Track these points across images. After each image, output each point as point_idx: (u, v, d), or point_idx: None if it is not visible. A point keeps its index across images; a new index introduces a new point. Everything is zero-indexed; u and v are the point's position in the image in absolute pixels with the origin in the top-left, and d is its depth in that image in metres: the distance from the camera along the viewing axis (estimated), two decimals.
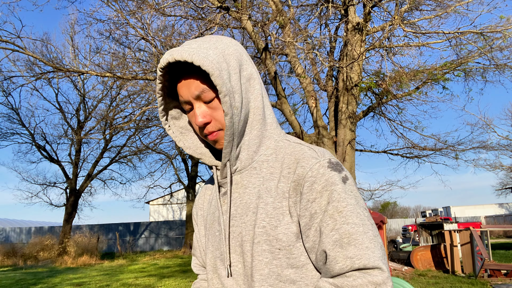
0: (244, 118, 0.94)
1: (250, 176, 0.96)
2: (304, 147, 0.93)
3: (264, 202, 0.91)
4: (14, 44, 9.28)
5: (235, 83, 0.92)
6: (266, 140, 0.98)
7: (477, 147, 12.56)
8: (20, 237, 26.96)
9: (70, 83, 20.51)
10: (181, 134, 1.06)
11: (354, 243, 0.80)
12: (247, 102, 0.95)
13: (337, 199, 0.83)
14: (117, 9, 8.29)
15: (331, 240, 0.82)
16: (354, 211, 0.83)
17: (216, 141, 0.96)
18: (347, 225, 0.81)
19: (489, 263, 8.26)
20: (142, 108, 12.01)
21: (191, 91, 0.92)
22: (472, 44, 8.13)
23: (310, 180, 0.86)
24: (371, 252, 0.79)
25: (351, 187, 0.86)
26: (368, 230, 0.82)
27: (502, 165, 16.86)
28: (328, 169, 0.86)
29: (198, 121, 0.92)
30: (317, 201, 0.84)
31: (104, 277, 11.85)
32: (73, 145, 20.67)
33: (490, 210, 38.12)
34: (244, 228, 0.92)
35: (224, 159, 0.96)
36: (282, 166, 0.91)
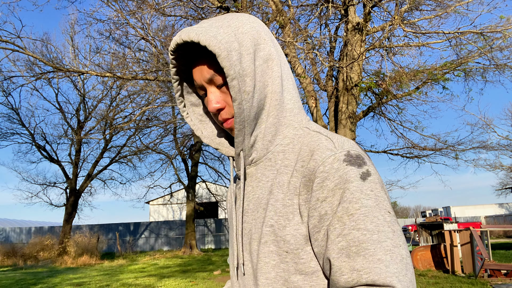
0: (258, 104, 0.84)
1: (264, 168, 0.87)
2: (321, 137, 0.82)
3: (275, 198, 0.81)
4: (14, 44, 9.28)
5: (247, 65, 0.82)
6: (284, 128, 0.88)
7: (477, 147, 12.56)
8: (20, 237, 26.96)
9: (70, 83, 20.53)
10: (200, 122, 0.99)
11: (364, 253, 0.67)
12: (263, 86, 0.86)
13: (349, 199, 0.71)
14: (117, 9, 8.29)
15: (336, 247, 0.70)
16: (369, 214, 0.69)
17: (231, 129, 0.88)
18: (357, 231, 0.69)
19: (489, 263, 8.26)
20: (142, 108, 12.01)
21: (203, 74, 0.86)
22: (472, 44, 8.13)
23: (321, 176, 0.75)
24: (383, 266, 0.66)
25: (371, 185, 0.72)
26: (385, 239, 0.68)
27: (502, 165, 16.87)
28: (343, 164, 0.74)
29: (211, 107, 0.86)
30: (328, 201, 0.73)
31: (104, 277, 11.85)
32: (73, 145, 20.67)
33: (490, 210, 38.13)
34: (254, 225, 0.85)
35: (237, 149, 0.88)
36: (297, 158, 0.81)
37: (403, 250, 0.69)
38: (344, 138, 0.81)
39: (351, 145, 0.79)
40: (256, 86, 0.83)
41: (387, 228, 0.69)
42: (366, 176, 0.73)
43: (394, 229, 0.70)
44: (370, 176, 0.74)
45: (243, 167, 0.89)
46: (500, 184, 33.07)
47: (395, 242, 0.69)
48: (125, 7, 8.59)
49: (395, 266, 0.67)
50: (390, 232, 0.69)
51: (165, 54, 8.80)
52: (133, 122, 14.40)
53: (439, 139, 11.74)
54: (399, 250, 0.68)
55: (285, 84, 0.90)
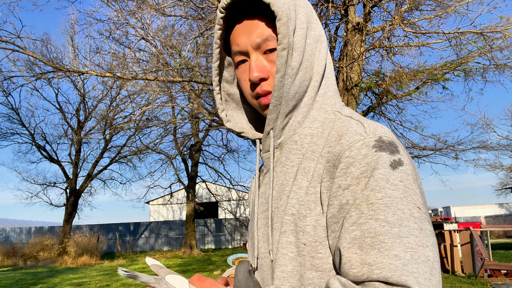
0: (300, 84, 0.78)
1: (289, 152, 0.80)
2: (352, 121, 0.74)
3: (298, 185, 0.74)
4: (14, 44, 9.28)
5: (299, 39, 0.76)
6: (315, 111, 0.80)
7: (477, 147, 12.57)
8: (20, 237, 26.97)
9: (70, 83, 20.54)
10: (225, 101, 0.92)
11: (379, 247, 0.59)
12: (309, 67, 0.79)
13: (371, 187, 0.62)
14: (117, 9, 8.29)
15: (349, 236, 0.62)
16: (393, 206, 0.60)
17: (267, 107, 0.80)
18: (374, 222, 0.60)
19: (489, 263, 8.26)
20: (142, 108, 12.01)
21: (252, 38, 0.77)
22: (472, 44, 8.13)
23: (346, 162, 0.67)
24: (400, 264, 0.57)
25: (401, 175, 0.63)
26: (407, 234, 0.59)
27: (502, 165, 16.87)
28: (373, 149, 0.66)
29: (253, 76, 0.77)
30: (351, 189, 0.65)
31: (104, 277, 11.84)
32: (73, 145, 20.68)
33: (490, 210, 38.14)
34: (276, 213, 0.78)
35: (267, 127, 0.80)
36: (325, 144, 0.74)
37: (430, 252, 0.59)
38: (377, 124, 0.73)
39: (385, 131, 0.70)
40: (303, 64, 0.78)
41: (412, 224, 0.60)
42: (397, 164, 0.64)
43: (423, 227, 0.60)
44: (402, 165, 0.64)
45: (272, 147, 0.82)
46: (500, 184, 33.08)
47: (420, 240, 0.59)
48: (125, 7, 8.59)
49: (416, 266, 0.57)
50: (416, 229, 0.60)
51: (165, 54, 8.80)
52: (133, 122, 14.40)
53: (439, 139, 11.75)
54: (424, 251, 0.59)
55: (328, 68, 0.84)
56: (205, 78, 8.98)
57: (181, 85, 9.53)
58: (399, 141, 0.71)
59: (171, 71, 8.51)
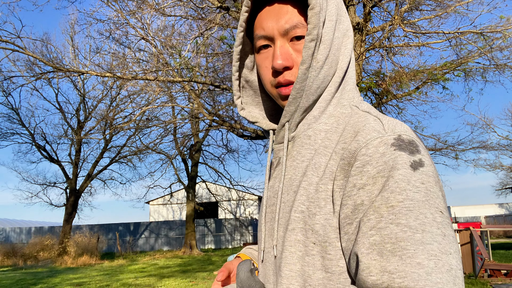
0: (324, 79, 0.74)
1: (301, 146, 0.77)
2: (370, 117, 0.70)
3: (308, 181, 0.71)
4: (14, 44, 9.28)
5: (327, 32, 0.73)
6: (332, 106, 0.77)
7: (477, 147, 12.58)
8: (20, 237, 26.97)
9: (70, 83, 20.55)
10: (243, 88, 0.89)
11: (401, 254, 0.55)
12: (335, 61, 0.76)
13: (391, 188, 0.58)
14: (117, 9, 8.29)
15: (367, 241, 0.58)
16: (415, 210, 0.56)
17: (286, 98, 0.77)
18: (396, 226, 0.56)
19: (489, 263, 8.26)
20: (142, 108, 12.01)
21: (280, 23, 0.73)
22: (472, 44, 8.13)
23: (362, 160, 0.63)
24: (424, 273, 0.53)
25: (422, 177, 0.59)
26: (431, 241, 0.55)
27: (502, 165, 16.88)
28: (391, 148, 0.62)
29: (277, 63, 0.73)
30: (366, 189, 0.61)
31: (104, 277, 11.85)
32: (73, 145, 20.68)
33: (490, 210, 38.12)
34: (282, 209, 0.75)
35: (283, 119, 0.78)
36: (339, 140, 0.71)
37: (453, 259, 0.55)
38: (397, 121, 0.69)
39: (405, 129, 0.66)
40: (329, 58, 0.74)
41: (435, 230, 0.56)
42: (418, 165, 0.60)
43: (446, 233, 0.56)
44: (423, 166, 0.60)
45: (286, 140, 0.78)
46: (500, 184, 33.08)
47: (444, 247, 0.55)
48: (125, 7, 8.59)
49: (440, 276, 0.53)
50: (440, 235, 0.55)
51: (165, 54, 8.80)
52: (133, 122, 14.41)
53: (439, 139, 11.75)
54: (448, 258, 0.55)
55: (351, 63, 0.81)
56: (205, 78, 8.99)
57: (181, 85, 9.53)
58: (420, 140, 0.67)
59: (171, 71, 8.51)
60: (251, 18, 0.82)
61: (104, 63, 11.43)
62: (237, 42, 0.82)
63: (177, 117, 17.21)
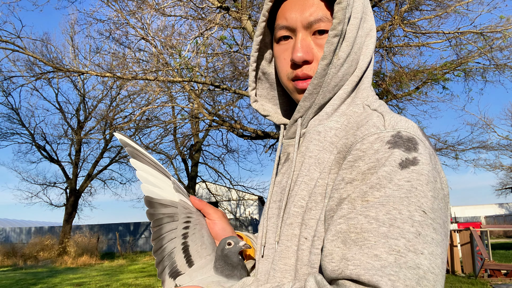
0: (343, 77, 0.73)
1: (309, 142, 0.74)
2: (375, 113, 0.68)
3: (310, 176, 0.70)
4: (14, 44, 9.28)
5: (351, 29, 0.71)
6: (345, 105, 0.75)
7: (477, 147, 12.59)
8: (20, 237, 26.96)
9: (70, 83, 20.54)
10: (259, 80, 0.86)
11: (361, 244, 0.54)
12: (355, 60, 0.74)
13: (372, 184, 0.57)
14: (117, 9, 8.29)
15: (334, 229, 0.58)
16: (388, 205, 0.54)
17: (302, 92, 0.75)
18: (364, 218, 0.55)
19: (489, 263, 8.26)
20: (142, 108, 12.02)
21: (304, 15, 0.71)
22: (472, 44, 8.13)
23: (355, 154, 0.62)
24: (379, 265, 0.51)
25: (411, 175, 0.56)
26: (398, 236, 0.52)
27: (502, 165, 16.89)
28: (386, 146, 0.59)
29: (297, 56, 0.71)
30: (354, 184, 0.59)
31: (104, 277, 11.85)
32: (73, 145, 20.68)
33: (490, 210, 38.12)
34: (282, 203, 0.74)
35: (297, 114, 0.76)
36: (343, 135, 0.70)
37: (425, 260, 0.52)
38: (402, 118, 0.65)
39: (407, 126, 0.63)
40: (350, 56, 0.72)
41: (408, 227, 0.53)
42: (409, 163, 0.57)
43: (422, 232, 0.53)
44: (416, 165, 0.57)
45: (298, 136, 0.76)
46: (500, 184, 33.05)
47: (414, 246, 0.52)
48: (125, 7, 8.59)
49: (396, 269, 0.50)
50: (412, 233, 0.53)
51: (165, 54, 8.80)
52: (133, 122, 14.41)
53: (439, 139, 11.76)
54: (415, 257, 0.51)
55: (370, 64, 0.78)
56: (205, 78, 8.99)
57: (181, 85, 9.53)
58: (425, 139, 0.63)
59: (171, 71, 8.51)
60: (274, 9, 0.79)
61: (104, 63, 11.44)
62: (258, 32, 0.79)
63: (177, 117, 17.21)
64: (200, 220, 0.83)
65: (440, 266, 0.53)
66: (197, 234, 0.82)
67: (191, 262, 0.80)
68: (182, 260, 0.80)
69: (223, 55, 9.10)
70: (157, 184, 0.82)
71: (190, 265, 0.80)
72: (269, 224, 0.77)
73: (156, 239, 0.82)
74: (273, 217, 0.77)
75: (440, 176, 0.61)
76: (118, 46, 11.27)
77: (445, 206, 0.59)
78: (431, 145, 0.64)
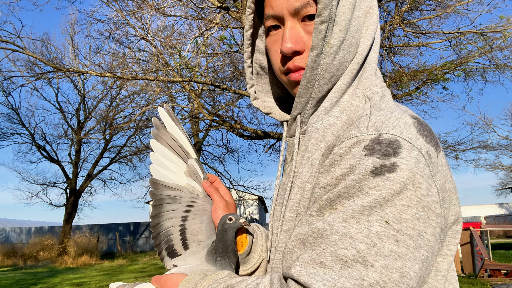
0: (340, 65, 0.66)
1: (308, 140, 0.69)
2: (366, 112, 0.63)
3: (302, 179, 0.67)
4: (14, 44, 9.28)
5: (343, 11, 0.64)
6: (346, 97, 0.68)
7: (477, 147, 12.59)
8: (20, 237, 26.96)
9: (70, 83, 20.54)
10: (257, 75, 0.81)
11: (314, 249, 0.54)
12: (353, 45, 0.67)
13: (341, 191, 0.55)
14: (117, 9, 8.29)
15: (298, 230, 0.58)
16: (348, 212, 0.53)
17: (297, 85, 0.70)
18: (322, 223, 0.54)
19: (489, 263, 8.26)
20: (142, 108, 12.02)
21: (290, 1, 0.64)
22: (472, 44, 8.13)
23: (331, 159, 0.58)
24: (321, 271, 0.51)
25: (384, 183, 0.52)
26: (347, 246, 0.51)
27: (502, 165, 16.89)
28: (363, 152, 0.55)
29: (285, 47, 0.65)
30: (327, 189, 0.57)
31: (104, 277, 11.85)
32: (73, 145, 20.68)
33: (490, 210, 38.11)
34: (283, 207, 0.71)
35: (294, 111, 0.71)
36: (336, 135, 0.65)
37: (374, 273, 0.49)
38: (394, 115, 0.58)
39: (395, 125, 0.56)
40: (346, 42, 0.65)
41: (362, 237, 0.50)
42: (384, 170, 0.52)
43: (378, 244, 0.50)
44: (393, 172, 0.52)
45: (298, 135, 0.71)
46: (500, 184, 33.04)
47: (364, 257, 0.50)
48: (125, 7, 8.60)
49: (335, 277, 0.50)
50: (364, 244, 0.50)
51: (165, 54, 8.80)
52: (133, 122, 14.40)
53: (439, 139, 11.76)
54: (362, 269, 0.49)
55: (375, 44, 0.71)
56: (205, 78, 8.99)
57: (181, 85, 9.53)
58: (419, 136, 0.56)
59: (171, 71, 8.51)
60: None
61: (104, 63, 11.44)
62: (247, 26, 0.74)
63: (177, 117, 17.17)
64: (205, 206, 0.84)
65: (397, 281, 0.49)
66: (197, 219, 0.82)
67: (186, 246, 0.81)
68: (179, 241, 0.82)
69: (223, 55, 9.10)
70: (168, 167, 0.83)
71: (186, 248, 0.82)
72: (273, 228, 0.75)
73: (155, 216, 0.83)
74: (276, 220, 0.75)
75: (433, 180, 0.55)
76: (118, 46, 11.27)
77: (429, 214, 0.53)
78: (431, 142, 0.57)
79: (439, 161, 0.58)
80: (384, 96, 0.67)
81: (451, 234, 0.61)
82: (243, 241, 0.82)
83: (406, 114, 0.59)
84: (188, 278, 0.69)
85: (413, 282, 0.51)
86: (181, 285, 0.69)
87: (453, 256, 0.62)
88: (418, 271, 0.51)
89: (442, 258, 0.61)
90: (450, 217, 0.59)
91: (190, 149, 0.85)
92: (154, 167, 0.83)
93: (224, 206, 0.83)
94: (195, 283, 0.67)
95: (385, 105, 0.64)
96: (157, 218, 0.83)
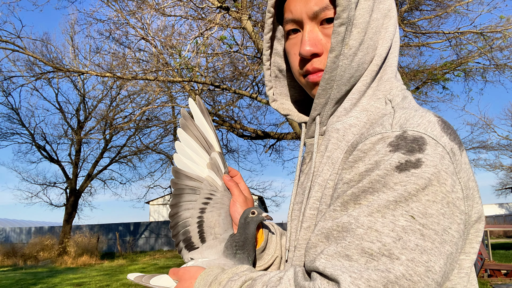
0: (358, 67, 0.67)
1: (328, 140, 0.70)
2: (388, 110, 0.65)
3: (323, 177, 0.68)
4: (14, 44, 9.28)
5: (362, 14, 0.65)
6: (366, 98, 0.70)
7: (477, 147, 12.59)
8: (20, 237, 26.96)
9: (70, 83, 20.54)
10: (275, 78, 0.83)
11: (339, 242, 0.54)
12: (371, 47, 0.68)
13: (365, 186, 0.55)
14: (117, 9, 8.29)
15: (322, 224, 0.58)
16: (373, 207, 0.53)
17: (315, 86, 0.72)
18: (347, 217, 0.55)
19: (489, 263, 8.26)
20: (142, 108, 12.02)
21: (309, 5, 0.67)
22: (472, 44, 8.13)
23: (356, 155, 0.59)
24: (347, 263, 0.51)
25: (409, 178, 0.53)
26: (373, 240, 0.51)
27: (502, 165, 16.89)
28: (387, 148, 0.56)
29: (304, 49, 0.67)
30: (351, 185, 0.58)
31: (104, 277, 11.85)
32: (73, 145, 20.68)
33: (490, 210, 38.10)
34: (302, 205, 0.72)
35: (314, 112, 0.72)
36: (358, 135, 0.66)
37: (400, 266, 0.49)
38: (418, 113, 0.59)
39: (420, 122, 0.57)
40: (364, 44, 0.66)
41: (387, 231, 0.51)
42: (409, 166, 0.53)
43: (404, 238, 0.51)
44: (418, 167, 0.53)
45: (317, 135, 0.72)
46: (500, 184, 33.04)
47: (389, 250, 0.50)
48: (125, 7, 8.59)
49: (363, 270, 0.50)
50: (390, 237, 0.51)
51: (165, 54, 8.80)
52: (133, 122, 14.40)
53: None
54: (389, 262, 0.50)
55: (393, 47, 0.72)
56: (205, 78, 8.99)
57: (181, 85, 9.53)
58: (443, 134, 0.57)
59: (171, 71, 8.51)
60: (282, 2, 0.75)
61: (104, 63, 11.44)
62: (266, 29, 0.76)
63: (177, 117, 17.22)
64: (224, 200, 0.84)
65: (422, 274, 0.50)
66: (215, 212, 0.83)
67: (204, 238, 0.82)
68: (196, 234, 0.82)
69: (223, 55, 9.10)
70: (191, 157, 0.84)
71: (203, 240, 0.82)
72: (292, 227, 0.75)
73: (174, 205, 0.84)
74: (295, 219, 0.75)
75: (457, 177, 0.56)
76: (118, 46, 11.27)
77: (454, 210, 0.54)
78: (455, 140, 0.58)
79: (463, 159, 0.58)
80: (405, 97, 0.69)
81: (473, 232, 0.61)
82: (259, 237, 0.82)
83: (430, 113, 0.60)
84: (207, 271, 0.71)
85: (438, 277, 0.51)
86: (200, 277, 0.70)
87: (475, 254, 0.62)
88: (443, 266, 0.52)
89: (465, 256, 0.61)
90: (473, 215, 0.59)
91: (215, 142, 0.86)
92: (178, 156, 0.84)
93: (243, 201, 0.84)
94: (215, 275, 0.69)
95: (408, 104, 0.65)
96: (176, 208, 0.84)
